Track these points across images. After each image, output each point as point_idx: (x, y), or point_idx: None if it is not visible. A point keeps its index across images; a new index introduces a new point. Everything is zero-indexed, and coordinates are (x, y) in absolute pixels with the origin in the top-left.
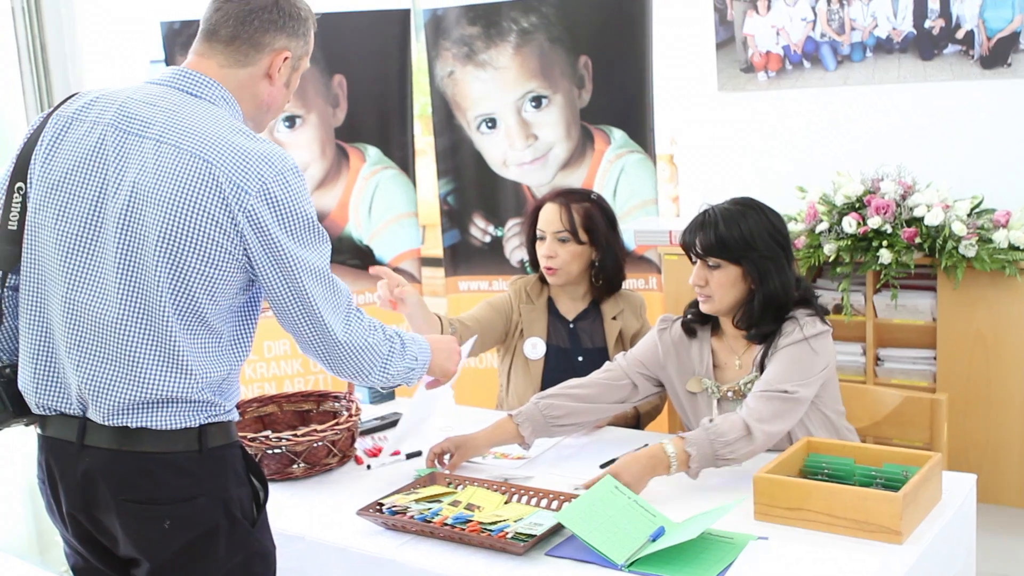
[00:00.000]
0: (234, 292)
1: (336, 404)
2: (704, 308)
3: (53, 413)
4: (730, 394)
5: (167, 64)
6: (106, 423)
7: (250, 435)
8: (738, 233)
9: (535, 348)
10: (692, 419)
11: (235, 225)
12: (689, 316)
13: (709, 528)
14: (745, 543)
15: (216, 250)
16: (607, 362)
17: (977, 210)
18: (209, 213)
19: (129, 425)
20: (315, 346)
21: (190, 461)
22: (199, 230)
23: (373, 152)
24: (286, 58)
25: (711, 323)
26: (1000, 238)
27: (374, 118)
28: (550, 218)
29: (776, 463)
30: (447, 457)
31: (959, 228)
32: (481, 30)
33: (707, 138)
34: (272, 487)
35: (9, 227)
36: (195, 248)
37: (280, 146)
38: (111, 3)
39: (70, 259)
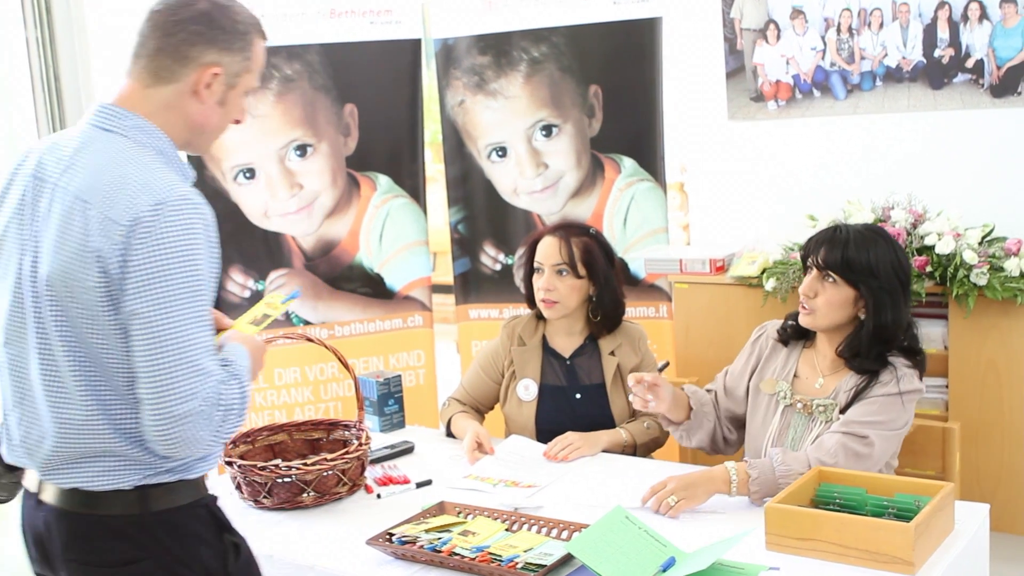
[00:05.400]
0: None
1: (346, 433)
2: (804, 320)
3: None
4: (799, 406)
5: None
6: (46, 479)
7: (260, 464)
8: (865, 259)
9: (527, 390)
10: (747, 417)
11: (100, 260)
12: (788, 327)
13: (720, 558)
14: (756, 573)
15: (91, 293)
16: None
17: (988, 238)
18: (79, 255)
19: (62, 485)
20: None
21: (130, 525)
22: (73, 272)
23: (384, 181)
24: (216, 74)
25: (805, 339)
26: (1012, 266)
27: (385, 147)
28: (548, 251)
29: (787, 493)
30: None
31: (970, 256)
32: (491, 59)
33: (717, 167)
34: (282, 516)
35: None
36: (72, 292)
37: (174, 179)
38: (124, 34)
39: (8, 317)
